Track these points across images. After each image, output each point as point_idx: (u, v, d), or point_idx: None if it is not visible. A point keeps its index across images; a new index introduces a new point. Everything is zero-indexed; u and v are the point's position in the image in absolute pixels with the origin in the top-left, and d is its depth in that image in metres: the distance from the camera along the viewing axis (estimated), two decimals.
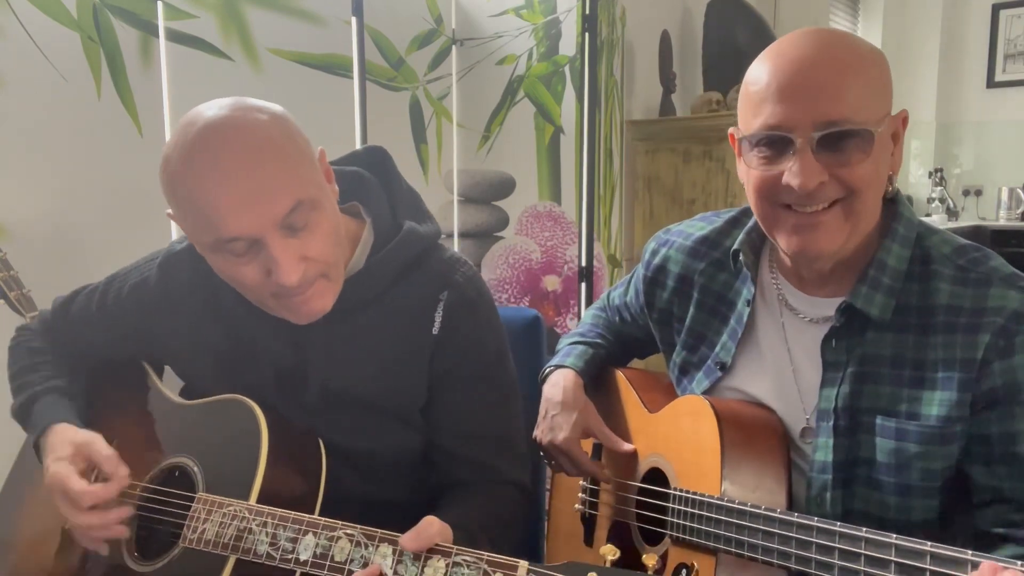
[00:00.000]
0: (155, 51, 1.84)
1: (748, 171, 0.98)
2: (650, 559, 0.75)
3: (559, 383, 1.25)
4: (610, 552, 0.76)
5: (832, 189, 0.92)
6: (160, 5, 1.83)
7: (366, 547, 0.86)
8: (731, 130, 1.06)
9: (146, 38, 1.81)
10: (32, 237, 1.62)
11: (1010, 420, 0.91)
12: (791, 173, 0.92)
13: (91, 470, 1.06)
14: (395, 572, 0.83)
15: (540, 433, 1.24)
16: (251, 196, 0.91)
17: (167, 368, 1.29)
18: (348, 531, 0.88)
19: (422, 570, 0.82)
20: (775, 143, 0.93)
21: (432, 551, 0.82)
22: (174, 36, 1.87)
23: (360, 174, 1.15)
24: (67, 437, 1.07)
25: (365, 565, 0.85)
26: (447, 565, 0.81)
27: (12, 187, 1.60)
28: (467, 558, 0.80)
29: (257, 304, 1.04)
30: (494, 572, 0.78)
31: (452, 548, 0.82)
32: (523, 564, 0.77)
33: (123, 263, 1.28)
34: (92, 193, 1.73)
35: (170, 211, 1.01)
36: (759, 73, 0.95)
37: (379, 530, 0.86)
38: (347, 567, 0.86)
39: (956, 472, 0.95)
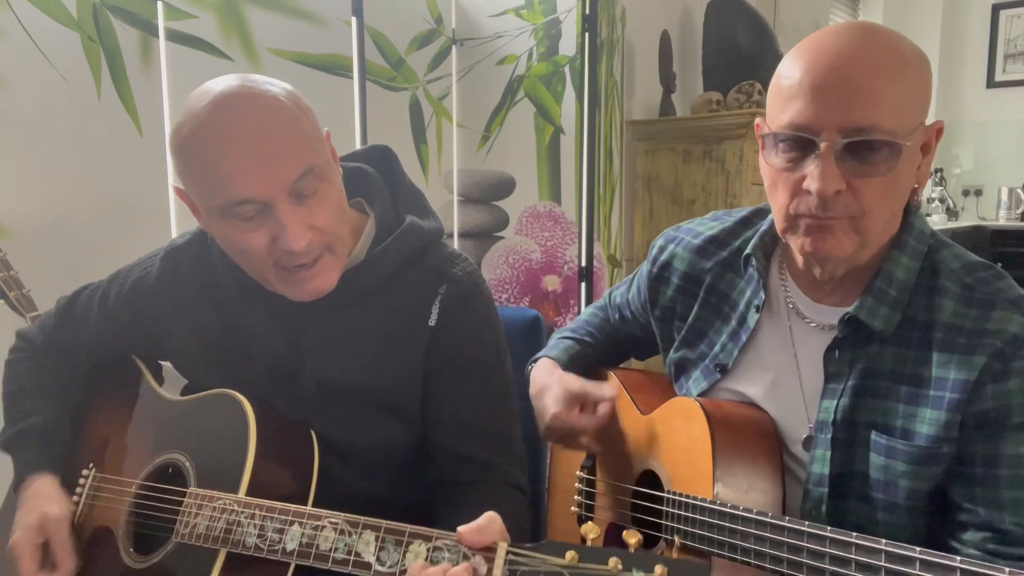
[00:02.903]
0: (155, 51, 1.84)
1: (774, 172, 0.96)
2: (631, 536, 0.75)
3: (534, 376, 1.26)
4: (591, 531, 0.77)
5: (845, 203, 0.90)
6: (160, 5, 1.84)
7: (349, 535, 0.88)
8: (757, 120, 1.03)
9: (146, 38, 1.82)
10: (32, 237, 1.62)
11: (996, 442, 0.90)
12: (811, 177, 0.89)
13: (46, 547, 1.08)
14: (377, 559, 0.85)
15: (540, 428, 1.24)
16: (263, 159, 0.93)
17: (166, 370, 1.30)
18: (332, 520, 0.90)
19: (404, 555, 0.83)
20: (799, 143, 0.91)
21: (413, 535, 0.84)
22: (174, 36, 1.87)
23: (364, 170, 1.16)
24: (39, 502, 1.09)
25: (349, 553, 0.87)
26: (428, 549, 0.83)
27: (12, 187, 1.61)
28: (447, 542, 0.82)
29: (259, 279, 1.05)
30: (474, 554, 0.79)
31: (432, 532, 0.83)
32: (502, 545, 0.78)
33: (123, 263, 1.29)
34: (92, 193, 1.73)
35: (177, 185, 1.03)
36: (793, 67, 0.92)
37: (362, 518, 0.88)
38: (331, 555, 0.88)
39: (939, 491, 0.94)
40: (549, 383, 1.21)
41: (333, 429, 1.09)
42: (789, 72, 0.92)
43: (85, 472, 1.17)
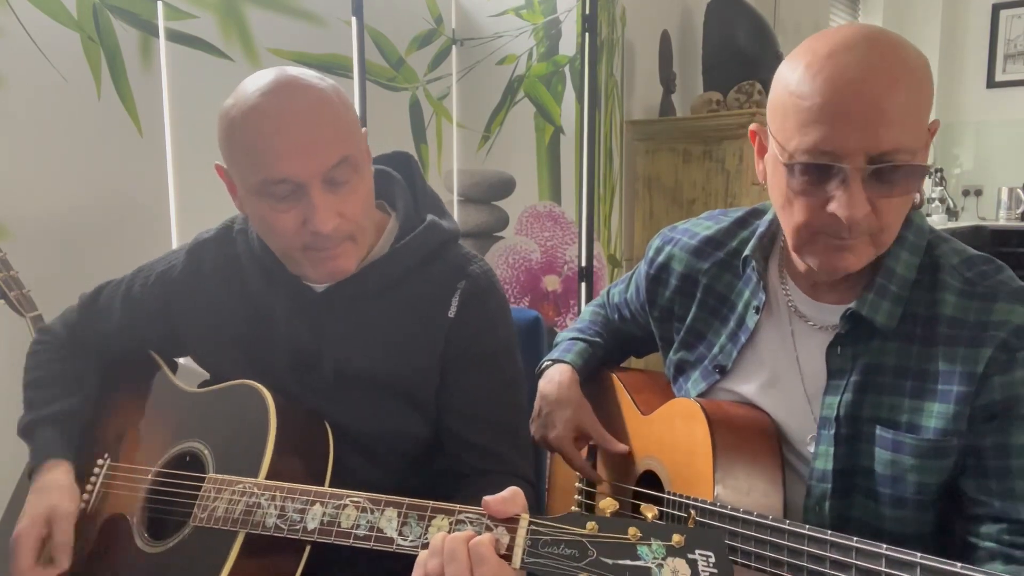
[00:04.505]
0: (155, 51, 1.84)
1: (791, 194, 0.93)
2: (649, 510, 0.75)
3: (555, 379, 1.26)
4: (610, 506, 0.77)
5: (868, 223, 0.90)
6: (160, 5, 1.84)
7: (372, 512, 0.89)
8: (753, 127, 1.02)
9: (146, 38, 1.81)
10: (32, 237, 1.62)
11: (1005, 434, 0.90)
12: (839, 203, 0.87)
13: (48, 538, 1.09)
14: (400, 533, 0.86)
15: (534, 429, 1.25)
16: (305, 143, 0.99)
17: (180, 367, 1.30)
18: (354, 499, 0.91)
19: (427, 529, 0.84)
20: (821, 168, 0.88)
21: (436, 510, 0.85)
22: (174, 36, 1.87)
23: (388, 172, 1.22)
24: (51, 493, 1.10)
25: (371, 529, 0.88)
26: (451, 523, 0.83)
27: (12, 187, 1.61)
28: (470, 515, 0.82)
29: (286, 259, 1.10)
30: (496, 526, 0.80)
31: (455, 507, 0.84)
32: (524, 516, 0.79)
33: (123, 263, 1.29)
34: (92, 193, 1.73)
35: (219, 163, 1.08)
36: (808, 86, 0.87)
37: (384, 496, 0.89)
38: (353, 532, 0.89)
39: (951, 485, 0.94)
40: (567, 400, 1.24)
41: (349, 417, 1.12)
42: (804, 91, 0.88)
43: (100, 462, 1.19)
